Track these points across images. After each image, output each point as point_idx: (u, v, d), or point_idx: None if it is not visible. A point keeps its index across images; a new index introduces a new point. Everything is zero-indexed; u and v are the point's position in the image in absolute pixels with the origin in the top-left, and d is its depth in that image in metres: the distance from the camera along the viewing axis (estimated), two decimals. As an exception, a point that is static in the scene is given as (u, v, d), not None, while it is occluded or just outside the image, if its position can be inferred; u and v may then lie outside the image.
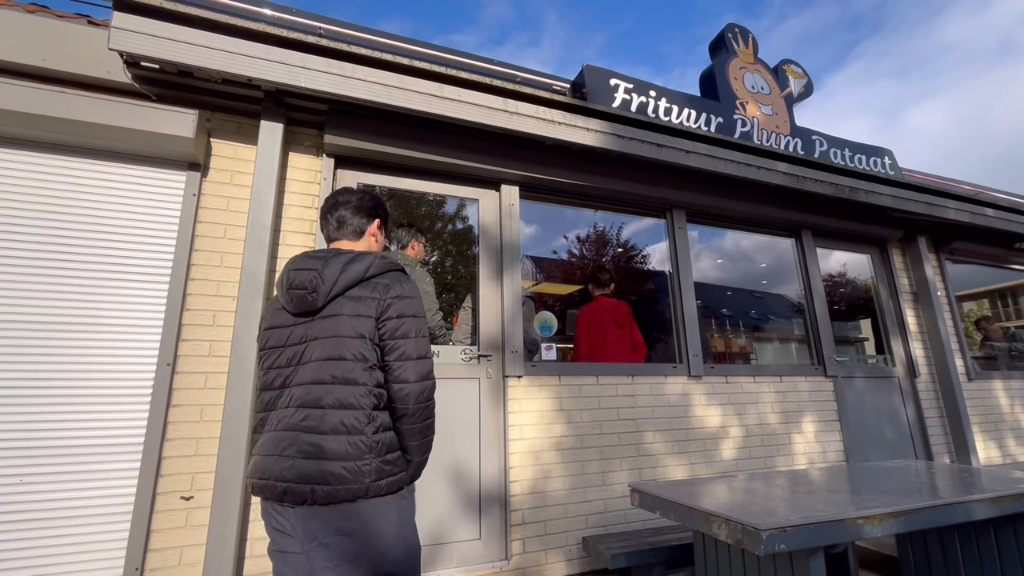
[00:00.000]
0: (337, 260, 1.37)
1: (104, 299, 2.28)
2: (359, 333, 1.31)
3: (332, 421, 1.25)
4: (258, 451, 1.31)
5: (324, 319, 1.34)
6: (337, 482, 1.21)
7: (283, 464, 1.23)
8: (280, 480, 1.23)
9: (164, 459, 2.19)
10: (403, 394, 1.32)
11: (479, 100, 2.72)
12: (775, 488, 2.18)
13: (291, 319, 1.38)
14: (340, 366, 1.29)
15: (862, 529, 1.71)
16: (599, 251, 4.18)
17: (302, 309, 1.36)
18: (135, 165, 2.44)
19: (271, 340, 1.40)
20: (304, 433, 1.25)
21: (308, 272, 1.35)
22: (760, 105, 4.13)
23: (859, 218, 4.27)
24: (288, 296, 1.37)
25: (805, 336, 4.12)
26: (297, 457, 1.23)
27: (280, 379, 1.35)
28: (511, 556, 2.65)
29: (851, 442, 3.80)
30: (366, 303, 1.33)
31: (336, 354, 1.29)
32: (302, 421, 1.26)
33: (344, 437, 1.24)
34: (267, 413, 1.35)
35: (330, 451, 1.23)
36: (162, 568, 2.10)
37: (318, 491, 1.21)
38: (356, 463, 1.23)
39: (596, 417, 3.05)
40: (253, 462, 1.32)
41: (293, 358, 1.34)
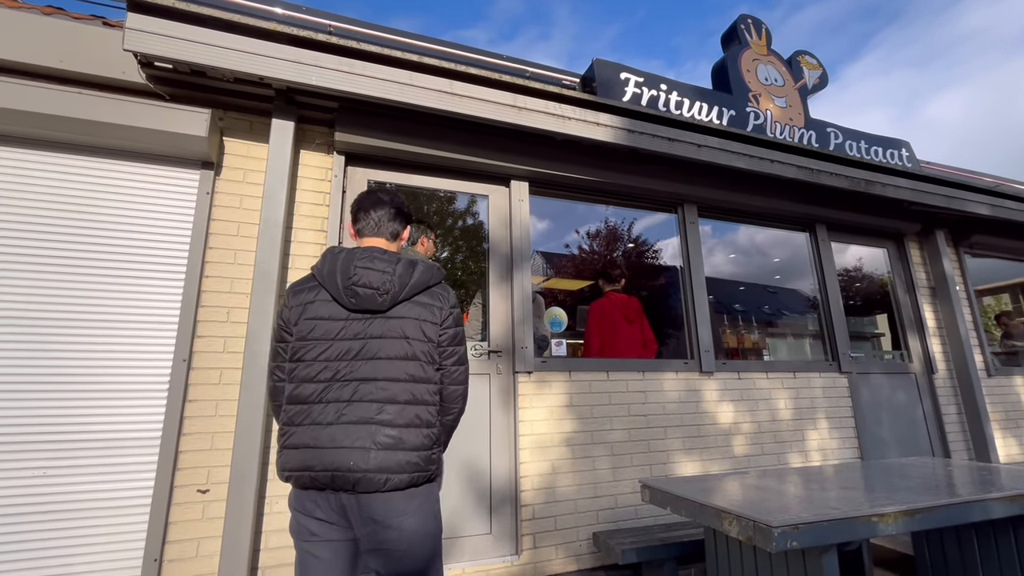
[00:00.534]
0: (403, 265, 1.45)
1: (121, 296, 2.32)
2: (427, 337, 1.43)
3: (409, 415, 1.36)
4: (307, 443, 1.31)
5: (389, 319, 1.41)
6: (413, 470, 1.33)
7: (356, 455, 1.28)
8: (353, 471, 1.28)
9: (181, 453, 2.23)
10: (457, 395, 1.51)
11: (489, 96, 2.71)
12: (787, 485, 2.16)
13: (343, 313, 1.41)
14: (414, 365, 1.39)
15: (876, 527, 1.69)
16: (610, 246, 4.17)
17: (366, 307, 1.40)
18: (150, 164, 2.48)
19: (316, 331, 1.39)
20: (382, 426, 1.32)
21: (381, 273, 1.41)
22: (774, 97, 4.07)
23: (875, 211, 4.20)
24: (350, 291, 1.39)
25: (819, 332, 4.06)
26: (374, 448, 1.30)
27: (329, 372, 1.36)
28: (521, 551, 2.67)
29: (866, 439, 3.75)
30: (431, 310, 1.45)
31: (410, 354, 1.40)
32: (377, 415, 1.33)
33: (420, 430, 1.37)
34: (309, 406, 1.35)
35: (410, 443, 1.34)
36: (180, 559, 2.15)
37: (393, 479, 1.30)
38: (427, 452, 1.37)
39: (606, 413, 3.04)
40: (299, 455, 1.32)
41: (347, 353, 1.37)
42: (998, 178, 5.91)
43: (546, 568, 2.70)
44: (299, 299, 1.45)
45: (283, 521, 2.31)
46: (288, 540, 2.30)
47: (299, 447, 1.33)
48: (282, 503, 2.33)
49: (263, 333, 2.30)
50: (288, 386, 1.41)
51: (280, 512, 2.32)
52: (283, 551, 2.29)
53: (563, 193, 3.39)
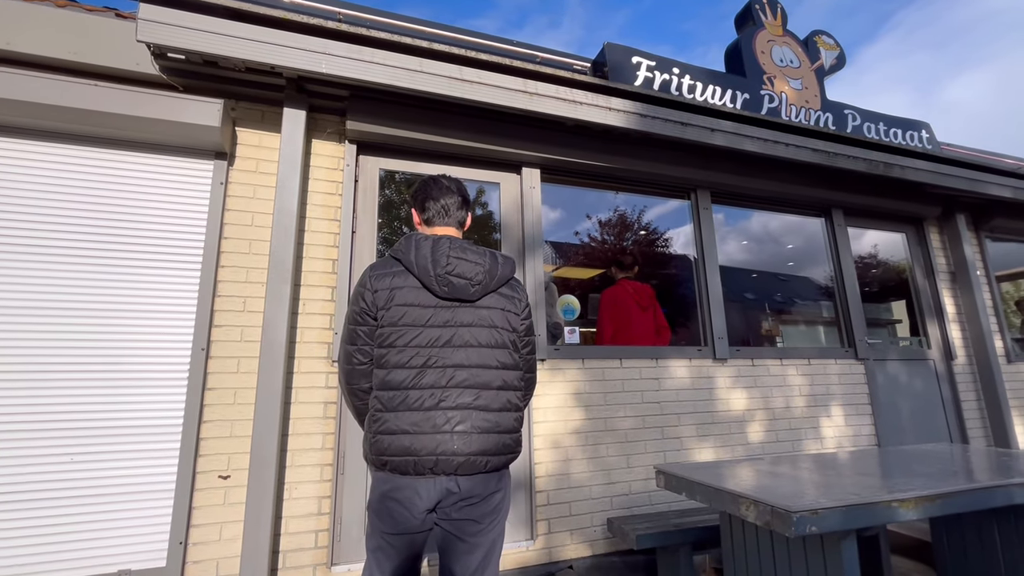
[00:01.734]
0: (490, 257, 1.52)
1: (140, 287, 2.36)
2: (512, 327, 1.51)
3: (503, 400, 1.44)
4: (406, 429, 1.33)
5: (478, 308, 1.46)
6: (507, 451, 1.43)
7: (457, 440, 1.35)
8: (457, 454, 1.34)
9: (201, 440, 2.28)
10: (532, 381, 1.63)
11: (499, 82, 2.68)
12: (803, 471, 2.15)
13: (433, 300, 1.43)
14: (503, 353, 1.47)
15: (896, 512, 1.67)
16: (621, 234, 4.13)
17: (458, 296, 1.44)
18: (164, 155, 2.50)
19: (407, 318, 1.41)
20: (479, 411, 1.39)
21: (474, 265, 1.47)
22: (789, 79, 3.98)
23: (894, 195, 4.11)
24: (443, 280, 1.43)
25: (835, 318, 4.01)
26: (474, 432, 1.37)
27: (421, 359, 1.39)
28: (536, 536, 2.69)
29: (883, 426, 3.71)
30: (514, 302, 1.53)
31: (499, 342, 1.47)
32: (474, 400, 1.40)
33: (511, 413, 1.46)
34: (405, 391, 1.37)
35: (505, 426, 1.43)
36: (204, 542, 2.20)
37: (492, 461, 1.39)
38: (518, 435, 1.48)
39: (620, 400, 3.04)
40: (398, 440, 1.33)
41: (438, 340, 1.40)
42: (1020, 160, 5.75)
43: (561, 553, 2.73)
44: (385, 283, 1.43)
45: (301, 507, 2.35)
46: (306, 525, 2.34)
47: (397, 432, 1.34)
48: (302, 489, 2.37)
49: (278, 322, 2.33)
50: (379, 372, 1.40)
51: (300, 498, 2.36)
52: (302, 536, 2.33)
53: (574, 180, 3.36)
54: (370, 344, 1.43)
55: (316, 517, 2.37)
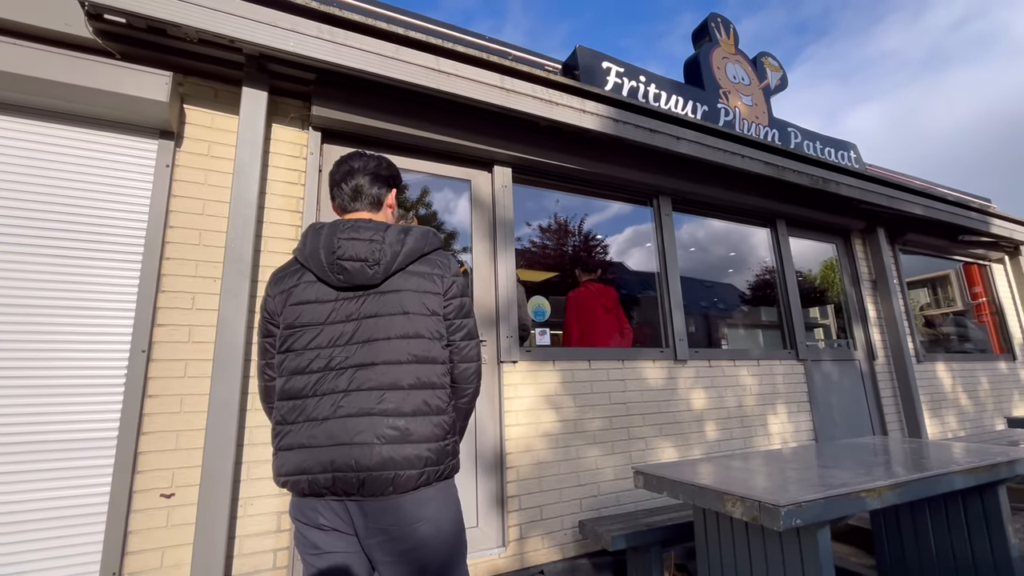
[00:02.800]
0: (392, 232, 1.28)
1: (68, 279, 2.04)
2: (431, 310, 1.26)
3: (415, 402, 1.19)
4: (303, 443, 1.16)
5: (385, 294, 1.24)
6: (423, 465, 1.17)
7: (357, 452, 1.13)
8: (356, 470, 1.12)
9: (140, 454, 2.01)
10: (469, 373, 1.33)
11: (477, 76, 2.62)
12: (767, 466, 2.24)
13: (332, 294, 1.25)
14: (419, 344, 1.22)
15: (865, 502, 1.78)
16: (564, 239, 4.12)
17: (356, 283, 1.23)
18: (100, 131, 2.19)
19: (303, 317, 1.24)
20: (384, 417, 1.16)
21: (367, 243, 1.24)
22: (741, 95, 4.22)
23: (828, 208, 4.47)
24: (335, 267, 1.23)
25: (778, 321, 4.28)
26: (377, 443, 1.14)
27: (322, 361, 1.20)
28: (508, 542, 2.62)
29: (819, 421, 4.00)
30: (431, 279, 1.28)
31: (412, 331, 1.22)
32: (378, 404, 1.16)
33: (429, 418, 1.21)
34: (303, 400, 1.20)
35: (420, 434, 1.18)
36: (142, 571, 1.93)
37: (402, 476, 1.14)
38: (441, 444, 1.21)
39: (589, 402, 3.05)
40: (294, 457, 1.17)
41: (340, 337, 1.21)
42: (927, 181, 6.47)
43: (532, 559, 2.68)
44: (281, 286, 1.30)
45: (258, 525, 2.14)
46: (264, 544, 2.14)
47: (294, 447, 1.17)
48: (258, 504, 2.15)
49: (236, 321, 2.11)
50: (279, 381, 1.24)
51: (256, 515, 2.14)
52: (259, 556, 2.12)
53: (545, 181, 3.34)
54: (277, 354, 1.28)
55: (275, 535, 2.16)
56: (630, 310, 3.79)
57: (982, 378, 5.47)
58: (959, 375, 5.27)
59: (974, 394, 5.31)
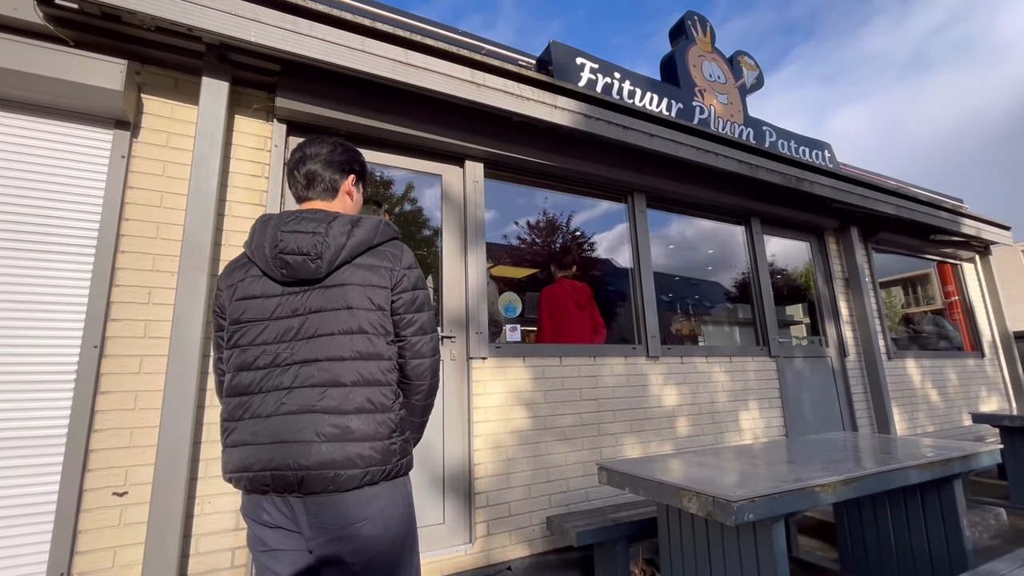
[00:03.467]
0: (339, 223, 1.23)
1: (17, 271, 1.98)
2: (376, 304, 1.22)
3: (357, 399, 1.17)
4: (245, 440, 1.15)
5: (328, 288, 1.21)
6: (366, 464, 1.14)
7: (297, 450, 1.11)
8: (295, 468, 1.10)
9: (92, 452, 1.96)
10: (421, 369, 1.30)
11: (446, 70, 2.59)
12: (734, 462, 2.26)
13: (277, 288, 1.22)
14: (361, 340, 1.20)
15: (818, 497, 1.80)
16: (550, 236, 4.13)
17: (299, 277, 1.20)
18: (51, 120, 2.13)
19: (248, 312, 1.22)
20: (325, 415, 1.14)
21: (309, 236, 1.20)
22: (717, 94, 4.24)
23: (802, 207, 4.52)
24: (278, 261, 1.20)
25: (751, 319, 4.33)
26: (317, 441, 1.12)
27: (267, 357, 1.19)
28: (475, 539, 2.62)
29: (790, 417, 4.06)
30: (378, 272, 1.24)
31: (355, 326, 1.19)
32: (320, 401, 1.15)
33: (373, 416, 1.18)
34: (248, 397, 1.18)
35: (359, 432, 1.15)
36: (92, 572, 1.89)
37: (342, 476, 1.11)
38: (386, 443, 1.18)
39: (559, 398, 3.05)
40: (237, 454, 1.16)
41: (285, 333, 1.19)
42: (900, 182, 6.58)
43: (499, 555, 2.68)
44: (229, 280, 1.28)
45: (215, 523, 2.11)
46: (221, 543, 2.10)
47: (239, 445, 1.16)
48: (215, 502, 2.12)
49: (193, 316, 2.07)
50: (227, 377, 1.23)
51: (212, 513, 2.11)
52: (216, 555, 2.09)
53: (517, 177, 3.33)
54: (226, 350, 1.26)
55: (233, 533, 2.13)
56: (614, 307, 3.80)
57: (951, 375, 5.59)
58: (929, 372, 5.38)
59: (943, 390, 5.43)
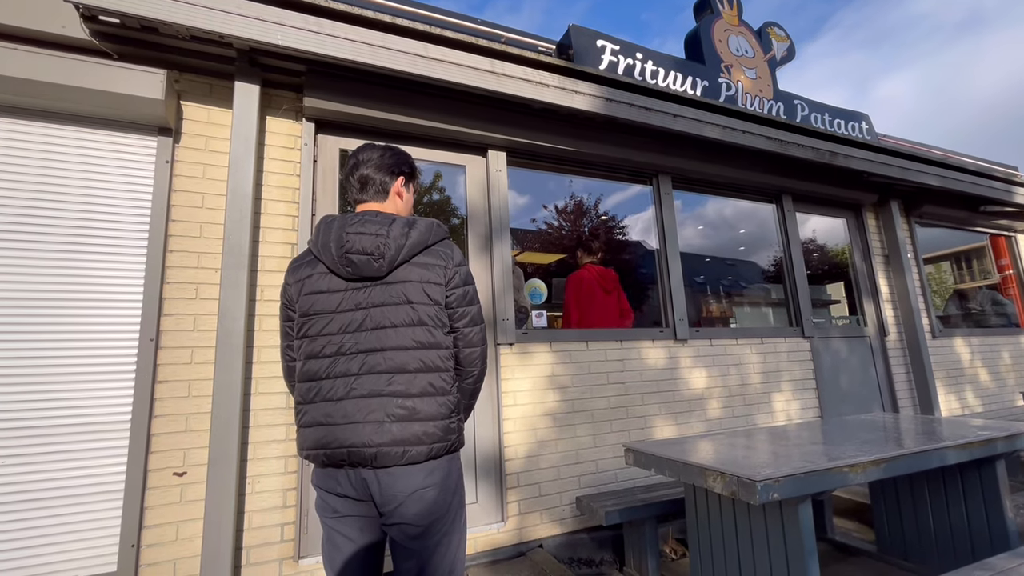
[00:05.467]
0: (398, 225, 1.36)
1: (79, 273, 2.16)
2: (433, 299, 1.36)
3: (421, 384, 1.31)
4: (320, 420, 1.29)
5: (390, 285, 1.34)
6: (431, 441, 1.29)
7: (370, 429, 1.25)
8: (368, 446, 1.24)
9: (153, 436, 2.14)
10: (473, 357, 1.44)
11: (466, 61, 2.62)
12: (761, 443, 2.27)
13: (341, 284, 1.35)
14: (422, 331, 1.33)
15: (847, 477, 1.79)
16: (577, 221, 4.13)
17: (363, 275, 1.33)
18: (102, 130, 2.28)
19: (316, 306, 1.35)
20: (394, 398, 1.28)
21: (374, 237, 1.33)
22: (744, 68, 4.10)
23: (837, 182, 4.36)
24: (344, 260, 1.33)
25: (784, 299, 4.23)
26: (387, 421, 1.26)
27: (333, 347, 1.32)
28: (507, 517, 2.72)
29: (826, 399, 3.98)
30: (434, 270, 1.37)
31: (415, 319, 1.33)
32: (388, 386, 1.29)
33: (435, 398, 1.32)
34: (318, 382, 1.32)
35: (426, 413, 1.30)
36: (159, 543, 2.08)
37: (411, 452, 1.26)
38: (446, 422, 1.33)
39: (587, 382, 3.10)
40: (313, 433, 1.30)
41: (349, 325, 1.33)
42: (945, 151, 6.22)
43: (531, 533, 2.77)
44: (297, 275, 1.41)
45: (265, 501, 2.27)
46: (271, 519, 2.26)
47: (312, 425, 1.31)
48: (264, 482, 2.27)
49: (236, 310, 2.20)
50: (298, 364, 1.38)
51: (262, 492, 2.27)
52: (267, 530, 2.25)
53: (540, 164, 3.35)
54: (296, 339, 1.41)
55: (281, 510, 2.29)
56: (645, 290, 3.79)
57: (1004, 353, 5.33)
58: (979, 350, 5.14)
59: (994, 370, 5.18)
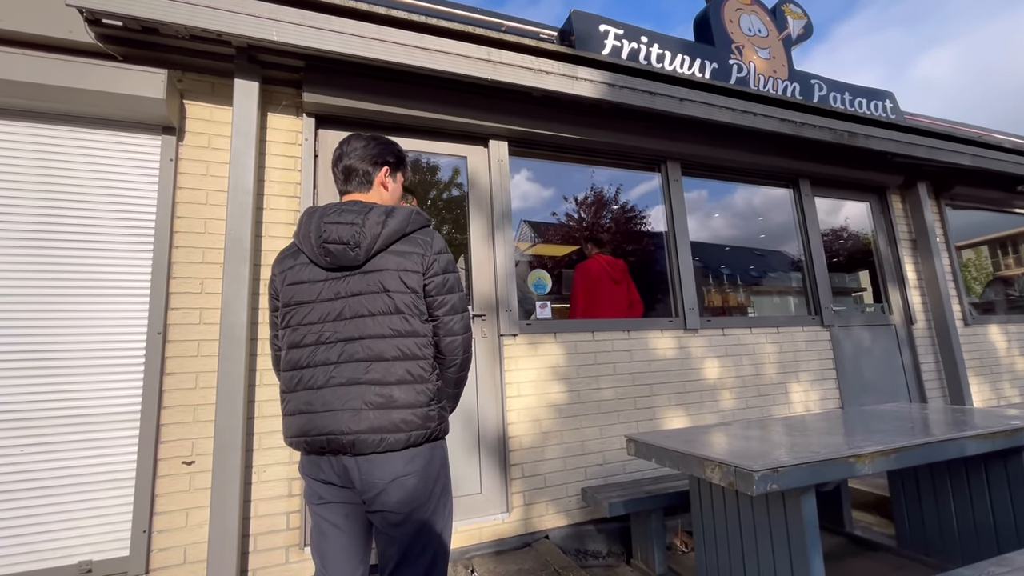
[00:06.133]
0: (374, 214, 1.36)
1: (88, 270, 2.24)
2: (409, 287, 1.35)
3: (399, 371, 1.31)
4: (301, 408, 1.32)
5: (367, 274, 1.35)
6: (410, 428, 1.30)
7: (347, 417, 1.26)
8: (346, 433, 1.26)
9: (163, 426, 2.21)
10: (454, 345, 1.43)
11: (461, 50, 2.60)
12: (770, 433, 2.20)
13: (322, 274, 1.37)
14: (399, 319, 1.33)
15: (853, 467, 1.72)
16: (597, 212, 4.07)
17: (340, 264, 1.35)
18: (107, 130, 2.36)
19: (297, 296, 1.37)
20: (371, 385, 1.29)
21: (349, 226, 1.34)
22: (757, 49, 3.96)
23: (859, 164, 4.18)
24: (322, 250, 1.34)
25: (803, 287, 4.10)
26: (365, 408, 1.27)
27: (313, 336, 1.34)
28: (512, 508, 2.71)
29: (847, 389, 3.84)
30: (411, 258, 1.36)
31: (392, 307, 1.33)
32: (365, 374, 1.30)
33: (412, 386, 1.32)
34: (300, 371, 1.34)
35: (404, 400, 1.30)
36: (169, 529, 2.15)
37: (388, 439, 1.27)
38: (425, 409, 1.33)
39: (593, 373, 3.06)
40: (296, 421, 1.33)
41: (329, 314, 1.34)
42: (982, 129, 5.90)
43: (537, 524, 2.76)
44: (282, 266, 1.44)
45: (270, 490, 2.32)
46: (276, 507, 2.31)
47: (295, 413, 1.33)
48: (270, 471, 2.33)
49: (238, 303, 2.25)
50: (282, 353, 1.41)
51: (268, 481, 2.32)
52: (272, 518, 2.30)
53: (544, 153, 3.31)
54: (281, 329, 1.44)
55: (287, 499, 2.33)
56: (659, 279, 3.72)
57: (1044, 341, 5.04)
58: (1016, 338, 4.88)
59: (1034, 358, 4.91)
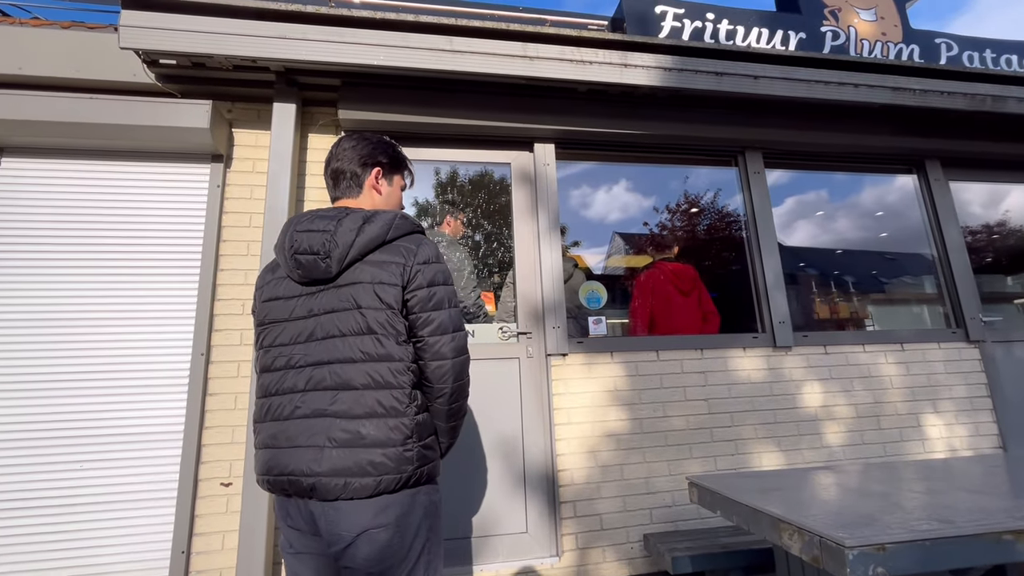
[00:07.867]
0: (350, 219, 1.19)
1: (139, 294, 2.39)
2: (385, 303, 1.15)
3: (368, 403, 1.11)
4: (267, 443, 1.16)
5: (340, 288, 1.17)
6: (379, 472, 1.07)
7: (310, 455, 1.09)
8: (307, 475, 1.08)
9: (204, 447, 2.24)
10: (442, 372, 1.19)
11: (493, 48, 2.43)
12: (884, 485, 1.67)
13: (296, 289, 1.21)
14: (370, 341, 1.13)
15: (1013, 548, 1.20)
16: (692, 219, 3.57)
17: (313, 277, 1.18)
18: (160, 162, 2.53)
19: (272, 314, 1.22)
20: (336, 419, 1.10)
21: (319, 234, 1.17)
22: (858, 11, 3.32)
23: (1009, 137, 3.30)
24: (293, 262, 1.19)
25: (938, 294, 3.30)
26: (328, 446, 1.08)
27: (283, 359, 1.18)
28: (562, 552, 2.39)
29: (1009, 424, 2.97)
30: (388, 269, 1.16)
31: (364, 327, 1.14)
32: (331, 405, 1.11)
33: (384, 420, 1.11)
34: (269, 399, 1.18)
35: (370, 437, 1.09)
36: (206, 552, 2.15)
37: (353, 484, 1.06)
38: (399, 449, 1.10)
39: (658, 398, 2.65)
40: (262, 457, 1.17)
41: (299, 335, 1.17)
42: None
43: (593, 572, 2.40)
44: (260, 281, 1.29)
45: (306, 515, 2.25)
46: (310, 535, 2.23)
47: (261, 448, 1.17)
48: (302, 497, 2.26)
49: (271, 323, 2.24)
50: (256, 378, 1.26)
51: (301, 506, 2.25)
52: (306, 546, 2.22)
53: (595, 153, 3.01)
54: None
55: (319, 527, 2.25)
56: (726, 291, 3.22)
57: None
58: None
59: None
